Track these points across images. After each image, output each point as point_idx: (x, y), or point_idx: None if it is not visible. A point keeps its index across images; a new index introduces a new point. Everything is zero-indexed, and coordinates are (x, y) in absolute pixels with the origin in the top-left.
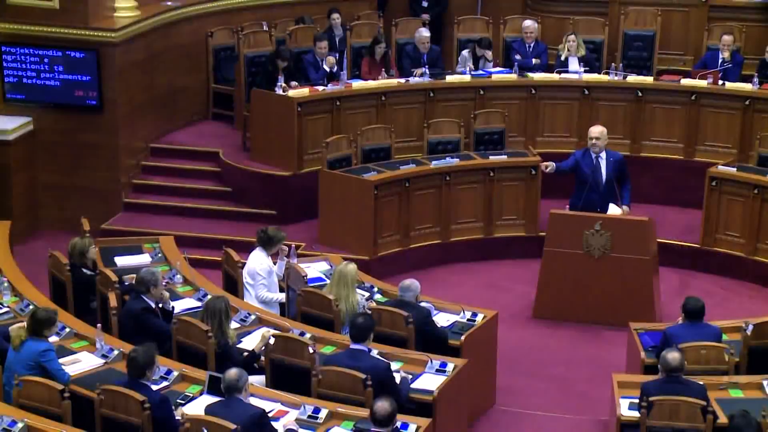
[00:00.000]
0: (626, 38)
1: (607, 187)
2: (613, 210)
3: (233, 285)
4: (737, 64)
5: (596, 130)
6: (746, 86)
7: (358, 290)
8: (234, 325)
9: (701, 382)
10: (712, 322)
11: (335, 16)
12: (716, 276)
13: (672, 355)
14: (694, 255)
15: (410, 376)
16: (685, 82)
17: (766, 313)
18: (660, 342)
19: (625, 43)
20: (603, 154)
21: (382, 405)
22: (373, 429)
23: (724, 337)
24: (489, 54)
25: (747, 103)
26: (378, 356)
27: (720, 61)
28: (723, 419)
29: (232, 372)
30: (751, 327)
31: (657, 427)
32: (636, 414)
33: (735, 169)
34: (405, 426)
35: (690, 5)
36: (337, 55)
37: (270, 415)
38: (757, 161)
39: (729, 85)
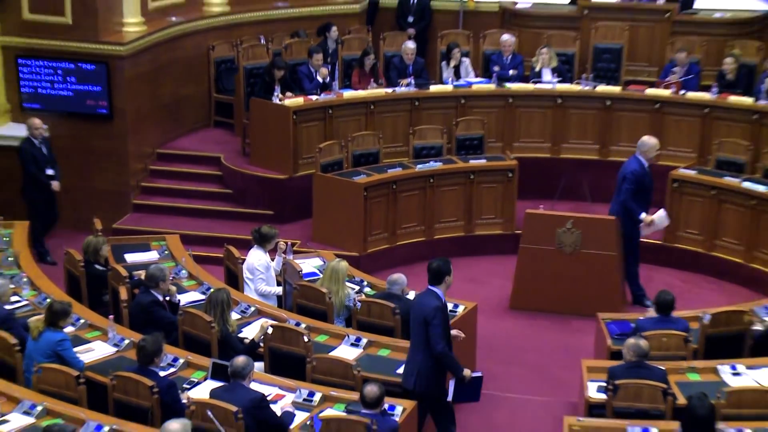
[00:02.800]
0: (596, 51)
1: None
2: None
3: (234, 279)
4: (695, 74)
5: (656, 142)
6: (705, 95)
7: (349, 284)
8: (235, 315)
9: (663, 367)
10: (680, 317)
11: (334, 29)
12: (677, 270)
13: (638, 342)
14: (657, 251)
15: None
16: (650, 91)
17: (722, 304)
18: (628, 330)
19: (594, 55)
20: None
21: (371, 389)
22: (363, 411)
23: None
24: (457, 54)
25: (706, 111)
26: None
27: (670, 76)
28: (682, 401)
29: (240, 359)
30: (708, 317)
31: (622, 407)
32: (603, 396)
33: (695, 171)
34: (392, 408)
35: (654, 21)
36: (330, 66)
37: (269, 398)
38: (714, 164)
39: (689, 94)
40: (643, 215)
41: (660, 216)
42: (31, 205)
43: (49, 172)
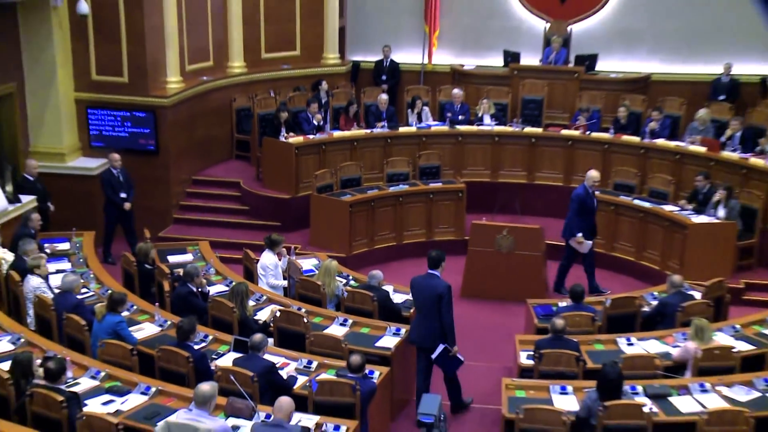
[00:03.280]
0: (523, 101)
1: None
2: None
3: (250, 275)
4: (597, 119)
5: (597, 174)
6: (605, 135)
7: (338, 278)
8: (251, 303)
9: (576, 340)
10: (589, 304)
11: (324, 84)
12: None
13: (558, 321)
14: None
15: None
16: (564, 132)
17: (619, 291)
18: (550, 312)
19: (522, 104)
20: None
21: (355, 358)
22: (349, 375)
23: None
24: (419, 104)
25: (606, 146)
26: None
27: (578, 120)
28: (590, 365)
29: (258, 336)
30: (609, 301)
31: (545, 370)
32: (531, 362)
33: (599, 192)
34: (371, 372)
35: (567, 79)
36: (323, 113)
37: (277, 365)
38: (613, 187)
39: (593, 134)
40: (579, 235)
41: (587, 244)
42: (107, 220)
43: (123, 195)
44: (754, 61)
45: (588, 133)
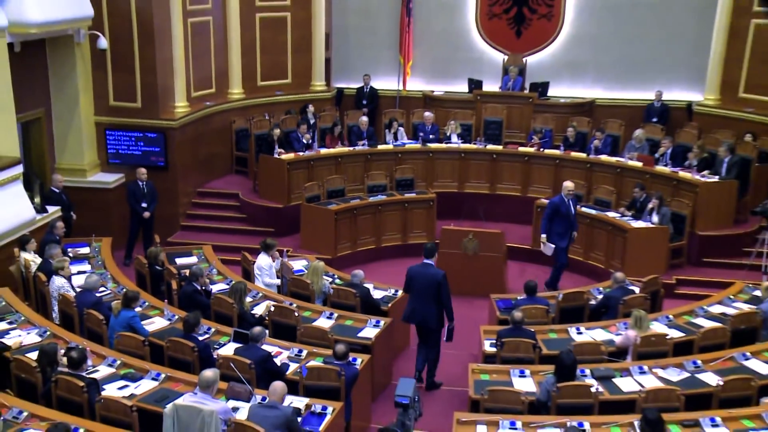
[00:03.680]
0: (485, 123)
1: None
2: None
3: (248, 275)
4: (549, 138)
5: (572, 184)
6: (556, 152)
7: (325, 277)
8: (248, 299)
9: (532, 330)
10: (542, 297)
11: (311, 107)
12: (541, 265)
13: (516, 314)
14: (528, 253)
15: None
16: (521, 149)
17: (570, 287)
18: (509, 306)
19: (485, 125)
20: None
21: (340, 347)
22: (334, 362)
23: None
24: (395, 125)
25: (557, 162)
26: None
27: (533, 139)
28: (545, 351)
29: (258, 329)
30: (561, 295)
31: (506, 357)
32: (494, 349)
33: (580, 205)
34: (354, 360)
35: (522, 103)
36: (311, 133)
37: (272, 354)
38: None
39: (546, 151)
40: (543, 236)
41: (549, 246)
42: (131, 225)
43: (143, 204)
44: (681, 89)
45: (541, 150)
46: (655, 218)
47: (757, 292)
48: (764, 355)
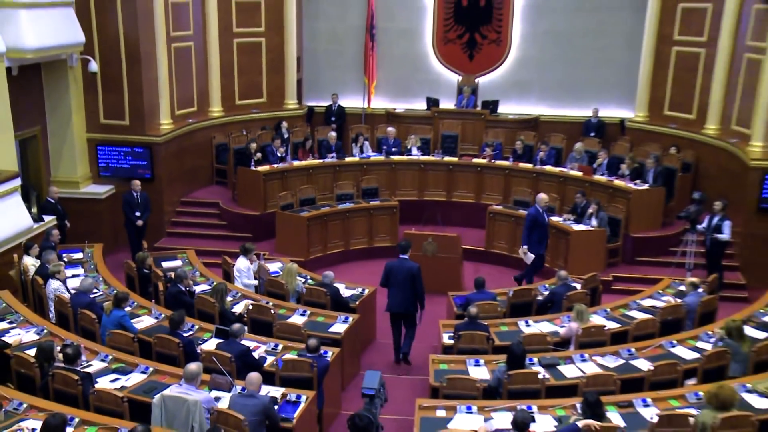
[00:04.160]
0: (442, 137)
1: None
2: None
3: (228, 276)
4: (499, 150)
5: (546, 197)
6: (506, 163)
7: (299, 277)
8: (229, 298)
9: (486, 323)
10: (490, 290)
11: (284, 124)
12: (493, 265)
13: (472, 309)
14: (481, 254)
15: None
16: (474, 160)
17: (520, 284)
18: (464, 301)
19: (441, 139)
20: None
21: (312, 341)
22: (307, 354)
23: (498, 298)
24: (361, 139)
25: (506, 172)
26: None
27: (485, 152)
28: (498, 342)
29: (237, 325)
30: (511, 292)
31: (463, 348)
32: (452, 341)
33: (502, 207)
34: (326, 353)
35: (475, 119)
36: (285, 146)
37: (251, 349)
38: (513, 203)
39: (497, 162)
40: (525, 247)
41: (529, 255)
42: (128, 232)
43: (137, 213)
44: (614, 107)
45: (493, 161)
46: (594, 222)
47: (682, 287)
48: (688, 342)
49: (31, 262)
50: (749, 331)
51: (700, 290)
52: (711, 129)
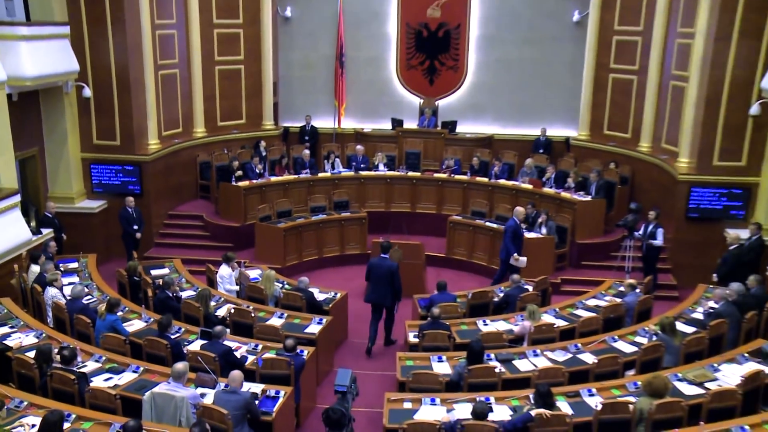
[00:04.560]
0: (407, 154)
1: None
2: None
3: (212, 283)
4: (457, 166)
5: (523, 210)
6: (464, 177)
7: (276, 283)
8: (212, 303)
9: (447, 323)
10: (451, 292)
11: (262, 143)
12: (454, 270)
13: (435, 310)
14: (443, 260)
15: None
16: (436, 175)
17: (477, 287)
18: (427, 303)
19: (406, 156)
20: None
21: (289, 341)
22: (285, 353)
23: (458, 300)
24: (332, 156)
25: (465, 185)
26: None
27: (445, 167)
28: (459, 340)
29: (219, 327)
30: (471, 294)
31: (427, 345)
32: (417, 340)
33: (461, 217)
34: (302, 351)
35: (436, 138)
36: (263, 164)
37: (233, 349)
38: (471, 213)
39: (456, 176)
40: (515, 255)
41: (522, 260)
42: (126, 245)
43: (135, 227)
44: (560, 126)
45: (452, 176)
46: (543, 230)
47: (622, 288)
48: (628, 337)
49: (38, 271)
50: (680, 326)
51: (638, 291)
52: (644, 147)
